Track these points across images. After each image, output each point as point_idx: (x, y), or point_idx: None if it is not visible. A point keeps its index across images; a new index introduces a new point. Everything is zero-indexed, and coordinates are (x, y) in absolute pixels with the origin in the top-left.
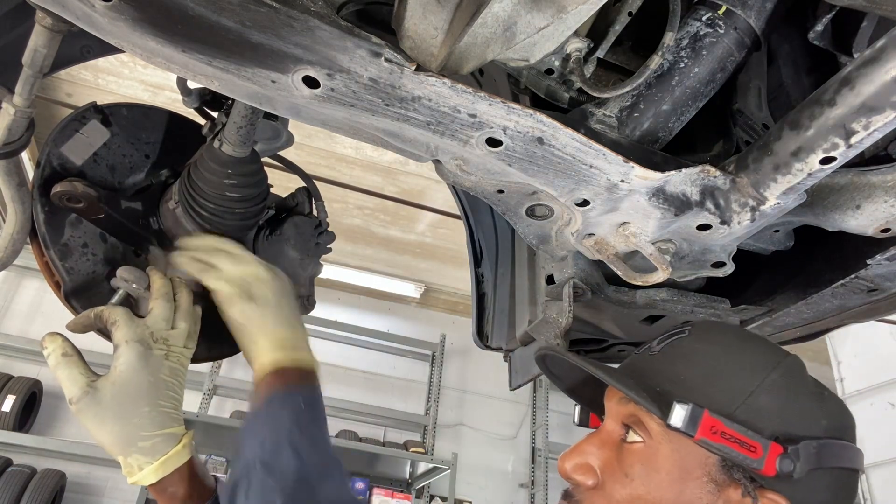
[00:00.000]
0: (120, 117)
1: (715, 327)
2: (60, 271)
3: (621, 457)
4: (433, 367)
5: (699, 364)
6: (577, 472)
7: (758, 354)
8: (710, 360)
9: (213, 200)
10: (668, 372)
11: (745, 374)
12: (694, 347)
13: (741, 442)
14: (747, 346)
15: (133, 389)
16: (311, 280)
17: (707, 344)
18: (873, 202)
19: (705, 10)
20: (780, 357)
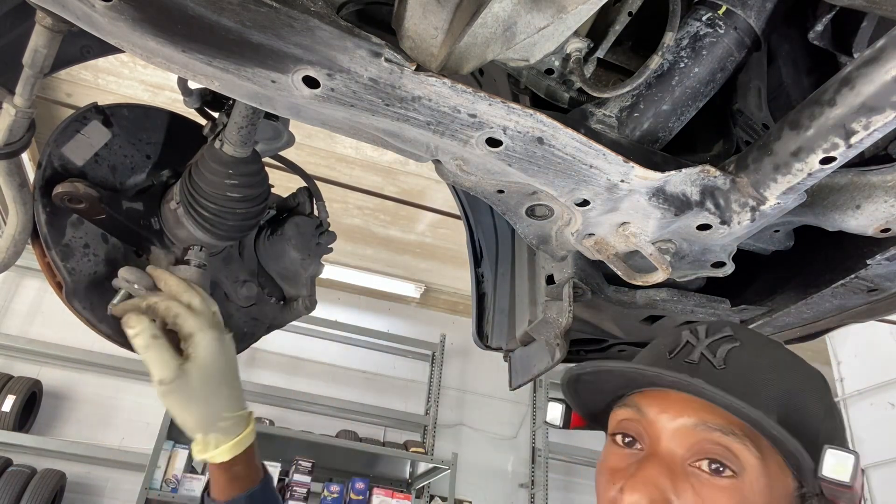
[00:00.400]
0: (121, 118)
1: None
2: (62, 272)
3: (703, 491)
4: (433, 367)
5: (775, 387)
6: None
7: (812, 374)
8: (787, 382)
9: (214, 201)
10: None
11: (815, 398)
12: (757, 364)
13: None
14: (799, 365)
15: (216, 373)
16: (311, 280)
17: (767, 358)
18: (873, 202)
19: (705, 10)
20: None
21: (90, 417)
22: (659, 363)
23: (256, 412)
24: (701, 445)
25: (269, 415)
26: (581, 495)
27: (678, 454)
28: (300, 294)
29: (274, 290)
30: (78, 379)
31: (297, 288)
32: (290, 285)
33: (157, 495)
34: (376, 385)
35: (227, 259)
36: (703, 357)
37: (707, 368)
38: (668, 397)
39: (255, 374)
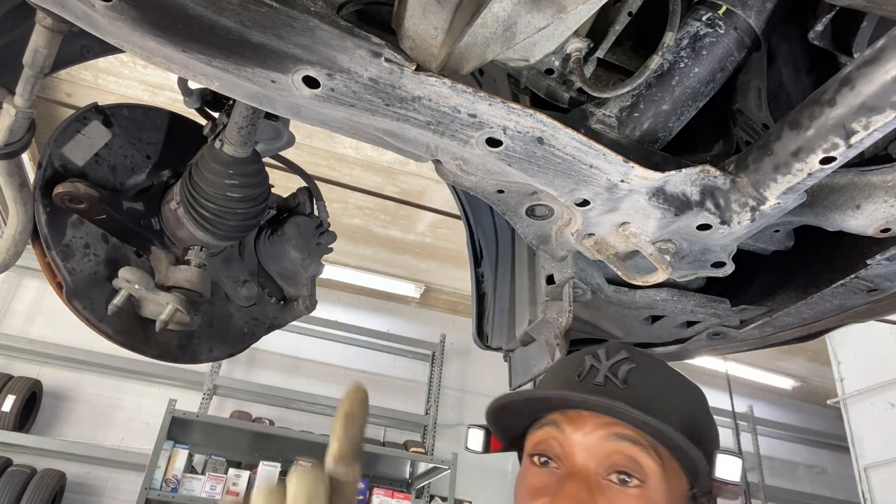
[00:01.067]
0: (121, 118)
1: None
2: (62, 272)
3: (617, 502)
4: (433, 367)
5: (665, 397)
6: None
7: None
8: (676, 395)
9: (214, 201)
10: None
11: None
12: (651, 380)
13: None
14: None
15: None
16: (312, 280)
17: (660, 375)
18: (873, 202)
19: (705, 10)
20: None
21: (90, 417)
22: (570, 387)
23: (256, 412)
24: (610, 459)
25: (269, 415)
26: None
27: (592, 468)
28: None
29: (274, 290)
30: (78, 379)
31: (298, 288)
32: (290, 285)
33: (157, 495)
34: (376, 385)
35: (227, 259)
36: (608, 378)
37: (612, 389)
38: (580, 417)
39: (255, 374)
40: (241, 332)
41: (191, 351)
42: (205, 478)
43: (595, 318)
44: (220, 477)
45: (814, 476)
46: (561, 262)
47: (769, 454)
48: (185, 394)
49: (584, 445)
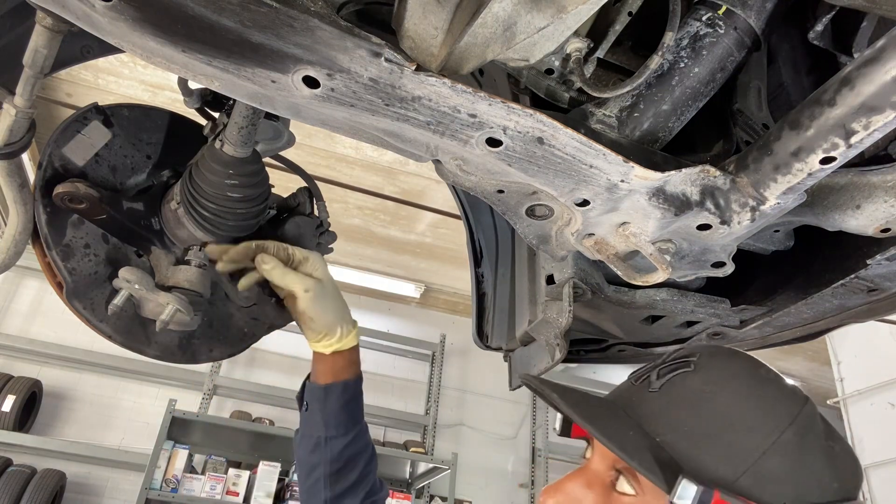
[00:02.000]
0: (121, 118)
1: (724, 364)
2: (62, 272)
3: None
4: (433, 367)
5: (705, 414)
6: None
7: (771, 406)
8: (718, 409)
9: (214, 201)
10: (671, 418)
11: (756, 432)
12: (701, 390)
13: None
14: (761, 394)
15: (334, 283)
16: None
17: (715, 386)
18: (873, 202)
19: (705, 10)
20: (796, 409)
21: (90, 417)
22: (627, 385)
23: (256, 412)
24: (617, 461)
25: (269, 415)
26: None
27: (600, 470)
28: None
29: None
30: (78, 379)
31: None
32: None
33: (157, 495)
34: (376, 385)
35: None
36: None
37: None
38: None
39: (255, 374)
40: (241, 333)
41: (191, 351)
42: (205, 478)
43: (595, 318)
44: (220, 477)
45: None
46: (561, 262)
47: None
48: (185, 394)
49: (599, 447)
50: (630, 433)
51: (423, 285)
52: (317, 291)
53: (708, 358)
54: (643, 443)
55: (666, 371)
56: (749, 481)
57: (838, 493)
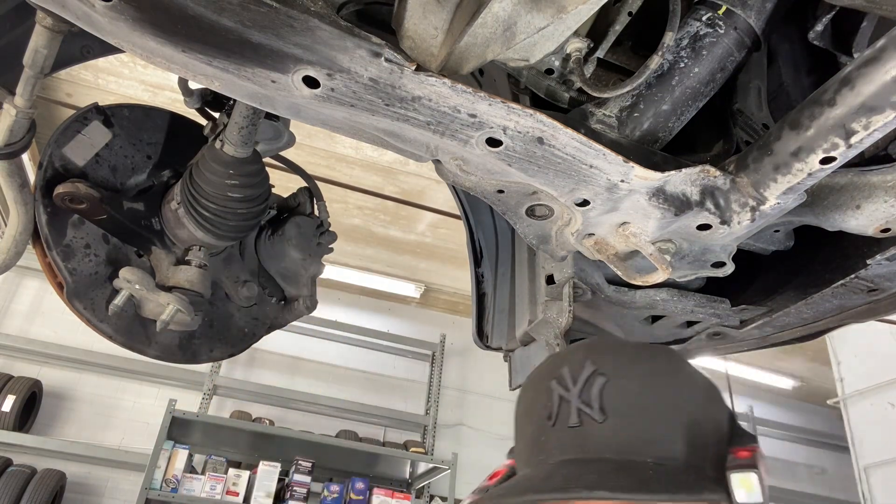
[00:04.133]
0: (122, 118)
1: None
2: (63, 272)
3: None
4: (433, 367)
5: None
6: None
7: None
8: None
9: (214, 201)
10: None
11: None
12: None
13: None
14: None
15: None
16: (312, 280)
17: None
18: (873, 202)
19: (705, 10)
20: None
21: (90, 417)
22: (545, 435)
23: (256, 412)
24: None
25: (269, 415)
26: None
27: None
28: (301, 294)
29: (275, 290)
30: (78, 379)
31: (298, 288)
32: (290, 285)
33: (157, 495)
34: (376, 385)
35: (227, 259)
36: (581, 413)
37: (590, 428)
38: None
39: (255, 374)
40: (241, 333)
41: (191, 351)
42: (205, 478)
43: (595, 318)
44: (220, 477)
45: (814, 476)
46: (561, 262)
47: (769, 454)
48: (185, 394)
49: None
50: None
51: (423, 285)
52: None
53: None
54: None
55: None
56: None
57: None
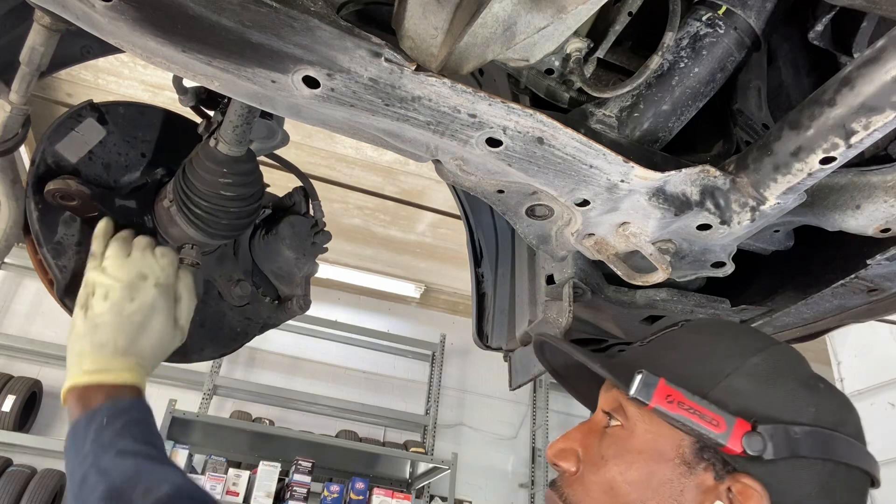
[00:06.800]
0: (116, 115)
1: (709, 320)
2: (53, 269)
3: (601, 442)
4: (433, 367)
5: (681, 349)
6: (559, 458)
7: (741, 340)
8: (694, 345)
9: (207, 199)
10: (651, 357)
11: (724, 356)
12: (682, 336)
13: (702, 414)
14: (732, 333)
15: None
16: (306, 280)
17: (695, 333)
18: (873, 202)
19: (705, 10)
20: (767, 344)
21: None
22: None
23: (256, 412)
24: (607, 405)
25: (269, 415)
26: None
27: (598, 417)
28: (295, 293)
29: (268, 290)
30: None
31: (292, 287)
32: (284, 285)
33: None
34: (376, 385)
35: (221, 258)
36: (642, 340)
37: (633, 347)
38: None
39: (255, 374)
40: (233, 332)
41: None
42: (205, 478)
43: (595, 318)
44: (220, 477)
45: None
46: (561, 262)
47: None
48: (184, 394)
49: (599, 400)
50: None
51: (423, 285)
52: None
53: (696, 319)
54: (619, 369)
55: (657, 332)
56: (717, 396)
57: (817, 420)
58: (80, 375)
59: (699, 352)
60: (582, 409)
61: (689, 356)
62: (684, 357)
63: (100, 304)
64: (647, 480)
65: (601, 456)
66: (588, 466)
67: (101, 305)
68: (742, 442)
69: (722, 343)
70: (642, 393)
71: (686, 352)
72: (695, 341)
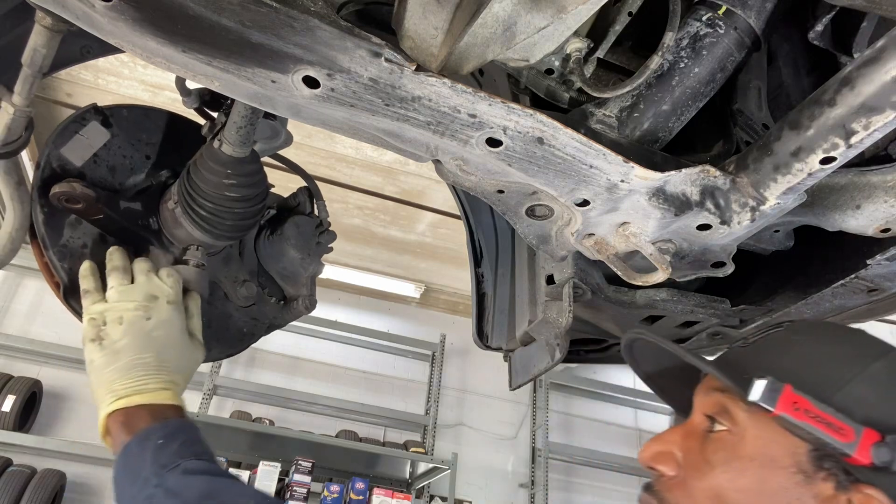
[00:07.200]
0: (120, 118)
1: (816, 322)
2: (59, 272)
3: (705, 446)
4: (433, 367)
5: (793, 353)
6: (657, 461)
7: (858, 345)
8: (807, 349)
9: (212, 200)
10: (759, 360)
11: (842, 362)
12: (790, 338)
13: (829, 423)
14: (848, 337)
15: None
16: (312, 280)
17: (804, 335)
18: (873, 202)
19: (705, 10)
20: (887, 349)
21: (90, 417)
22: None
23: (256, 412)
24: (710, 408)
25: (269, 415)
26: (581, 495)
27: (697, 420)
28: (300, 294)
29: (274, 290)
30: (78, 379)
31: (297, 287)
32: (290, 285)
33: None
34: (376, 385)
35: (226, 259)
36: (744, 341)
37: (734, 349)
38: (703, 378)
39: (255, 374)
40: (240, 332)
41: None
42: None
43: (595, 318)
44: None
45: None
46: (561, 262)
47: None
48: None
49: (696, 402)
50: (715, 365)
51: (423, 285)
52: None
53: (798, 321)
54: (728, 370)
55: (760, 333)
56: (840, 403)
57: None
58: (116, 401)
59: (815, 356)
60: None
61: (804, 361)
62: (798, 361)
63: (115, 330)
64: (760, 488)
65: (706, 461)
66: (691, 472)
67: (117, 330)
68: (871, 452)
69: (839, 348)
70: (767, 399)
71: (799, 356)
72: (807, 345)
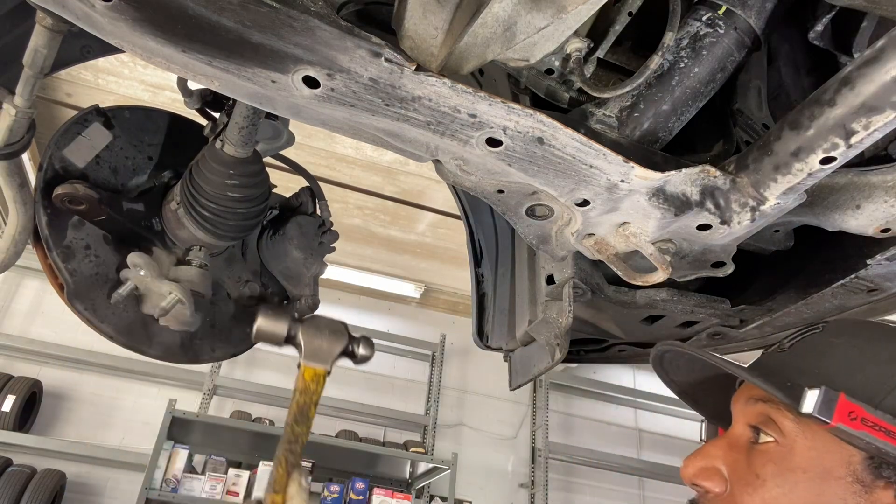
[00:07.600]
0: (122, 119)
1: (851, 322)
2: (63, 273)
3: (751, 459)
4: (433, 367)
5: (835, 356)
6: (702, 478)
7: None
8: (848, 351)
9: (214, 201)
10: (800, 366)
11: (887, 363)
12: (829, 341)
13: (888, 431)
14: (888, 336)
15: None
16: (314, 279)
17: (844, 337)
18: (873, 202)
19: (705, 10)
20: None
21: (90, 417)
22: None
23: (256, 412)
24: (753, 419)
25: (269, 415)
26: (581, 495)
27: (739, 431)
28: (303, 294)
29: (277, 290)
30: (78, 379)
31: (300, 287)
32: (292, 285)
33: (157, 495)
34: (376, 385)
35: (229, 259)
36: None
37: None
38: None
39: (255, 374)
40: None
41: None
42: (205, 478)
43: (595, 318)
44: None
45: None
46: (561, 262)
47: None
48: (185, 394)
49: (736, 412)
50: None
51: (423, 285)
52: None
53: (835, 321)
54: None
55: (796, 335)
56: (888, 405)
57: None
58: None
59: (858, 359)
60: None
61: (848, 364)
62: (842, 365)
63: None
64: (816, 501)
65: (756, 475)
66: (740, 487)
67: None
68: None
69: (881, 348)
70: (823, 411)
71: (842, 360)
72: (847, 346)
